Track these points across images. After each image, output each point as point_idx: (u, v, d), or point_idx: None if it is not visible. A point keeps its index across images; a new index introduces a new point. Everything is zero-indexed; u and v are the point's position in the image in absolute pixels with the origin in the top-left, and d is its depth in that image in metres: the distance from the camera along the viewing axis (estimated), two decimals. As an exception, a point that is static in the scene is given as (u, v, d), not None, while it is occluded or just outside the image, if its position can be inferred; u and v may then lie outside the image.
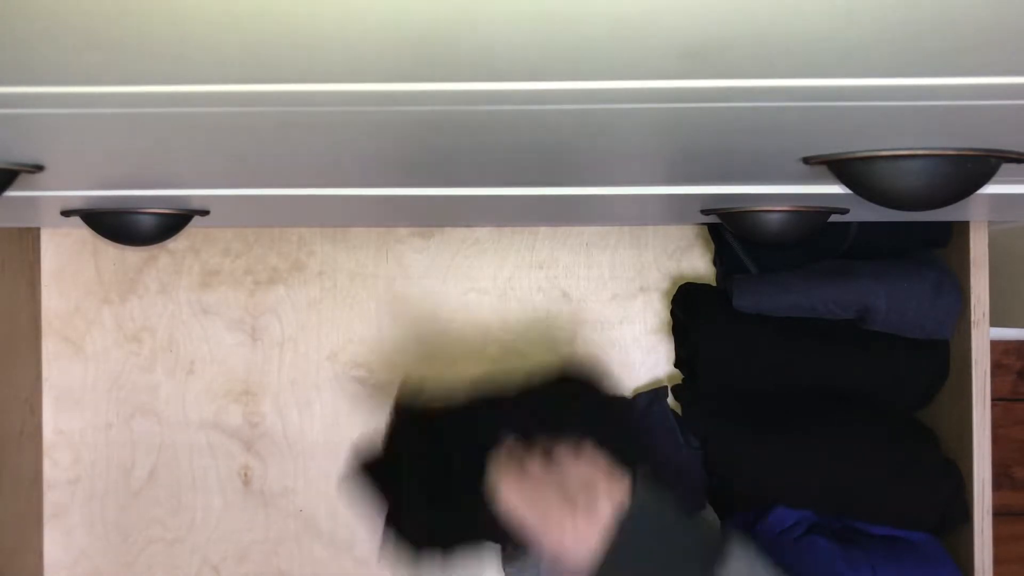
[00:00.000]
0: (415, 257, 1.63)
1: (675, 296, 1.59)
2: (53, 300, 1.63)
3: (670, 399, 1.58)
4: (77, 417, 1.64)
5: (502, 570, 1.49)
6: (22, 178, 0.80)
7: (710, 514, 1.46)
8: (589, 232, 1.63)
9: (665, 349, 1.63)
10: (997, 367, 1.72)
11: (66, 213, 1.10)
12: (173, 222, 1.10)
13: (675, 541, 1.04)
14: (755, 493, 1.47)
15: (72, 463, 1.64)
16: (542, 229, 1.63)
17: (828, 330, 1.49)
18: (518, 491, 1.08)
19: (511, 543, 1.18)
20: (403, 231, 1.63)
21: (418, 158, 0.80)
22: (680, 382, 1.58)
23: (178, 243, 1.62)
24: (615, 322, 1.64)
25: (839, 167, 0.75)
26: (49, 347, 1.63)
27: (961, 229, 1.47)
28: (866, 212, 1.13)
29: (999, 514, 1.56)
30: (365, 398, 1.63)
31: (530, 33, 0.46)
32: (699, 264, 1.63)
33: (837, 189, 0.89)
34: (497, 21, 0.44)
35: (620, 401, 1.30)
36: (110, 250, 1.63)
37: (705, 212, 1.13)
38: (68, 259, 1.63)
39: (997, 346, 1.71)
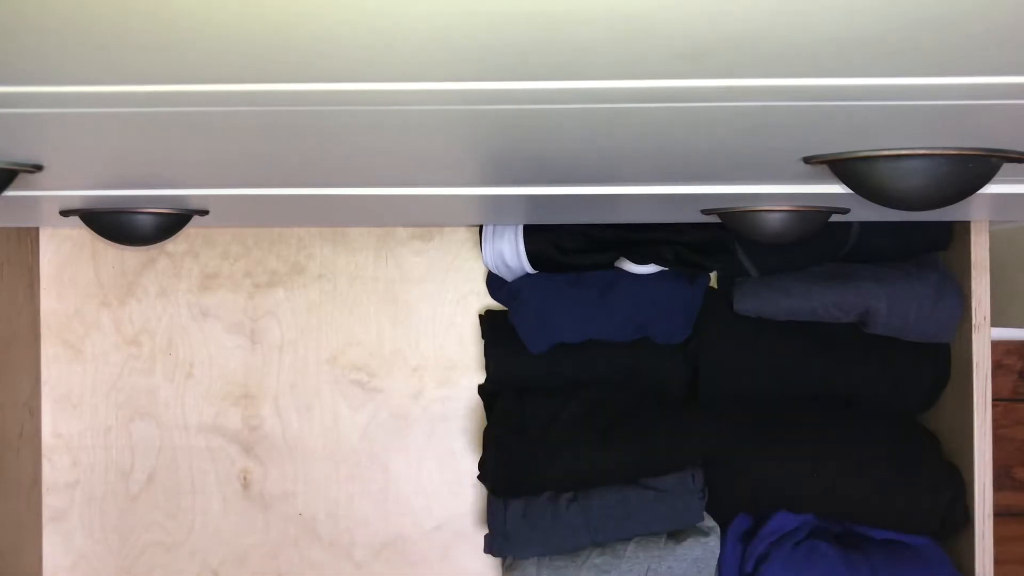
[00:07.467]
0: (415, 260, 1.63)
1: (675, 298, 1.59)
2: (52, 303, 1.63)
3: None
4: (76, 420, 1.63)
5: None
6: (21, 178, 0.80)
7: (709, 521, 1.45)
8: (589, 234, 1.62)
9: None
10: (998, 367, 1.72)
11: (65, 213, 1.10)
12: (172, 222, 1.09)
13: None
14: (756, 498, 1.46)
15: (71, 466, 1.63)
16: (542, 231, 1.62)
17: (829, 334, 1.49)
18: None
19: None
20: (403, 234, 1.63)
21: (418, 158, 0.80)
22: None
23: (177, 246, 1.62)
24: (615, 324, 1.63)
25: (840, 167, 0.75)
26: (48, 350, 1.63)
27: (962, 232, 1.46)
28: (867, 212, 1.13)
29: (1000, 514, 1.56)
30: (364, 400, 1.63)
31: (528, 33, 0.46)
32: (699, 266, 1.63)
33: (838, 189, 0.89)
34: (495, 20, 0.44)
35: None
36: (109, 253, 1.63)
37: (705, 212, 1.12)
38: (67, 262, 1.63)
39: (998, 346, 1.71)
